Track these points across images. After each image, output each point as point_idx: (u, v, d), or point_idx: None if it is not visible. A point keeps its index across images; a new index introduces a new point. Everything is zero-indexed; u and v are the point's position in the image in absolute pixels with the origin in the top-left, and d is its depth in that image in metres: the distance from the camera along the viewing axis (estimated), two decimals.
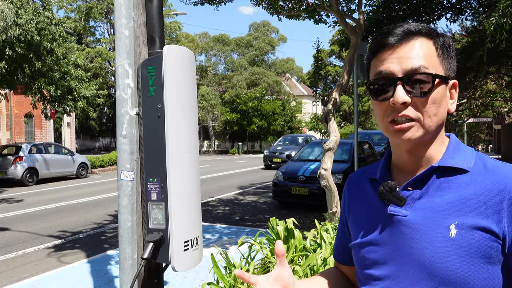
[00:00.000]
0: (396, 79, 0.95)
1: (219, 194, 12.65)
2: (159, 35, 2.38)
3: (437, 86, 0.95)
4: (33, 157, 16.18)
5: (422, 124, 0.95)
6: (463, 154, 1.00)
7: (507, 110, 27.78)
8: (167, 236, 2.19)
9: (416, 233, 0.96)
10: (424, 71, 0.94)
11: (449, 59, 0.99)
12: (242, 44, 48.74)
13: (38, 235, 7.74)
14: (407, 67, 0.95)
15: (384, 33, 1.00)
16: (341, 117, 48.73)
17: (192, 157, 2.30)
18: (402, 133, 0.96)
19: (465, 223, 0.91)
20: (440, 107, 0.97)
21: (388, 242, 1.01)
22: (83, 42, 38.02)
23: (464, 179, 0.96)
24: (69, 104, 17.20)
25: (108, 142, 42.25)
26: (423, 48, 0.96)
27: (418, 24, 1.00)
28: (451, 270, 0.90)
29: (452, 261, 0.90)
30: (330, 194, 6.17)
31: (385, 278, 1.01)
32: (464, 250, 0.90)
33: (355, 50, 6.61)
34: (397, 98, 0.94)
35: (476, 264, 0.89)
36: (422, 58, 0.95)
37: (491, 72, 15.28)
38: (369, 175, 1.14)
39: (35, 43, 13.27)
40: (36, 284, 5.04)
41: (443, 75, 0.97)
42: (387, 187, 1.01)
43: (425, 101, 0.95)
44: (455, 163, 0.97)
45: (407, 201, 0.99)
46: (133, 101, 2.35)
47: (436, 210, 0.95)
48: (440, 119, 0.98)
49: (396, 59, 0.96)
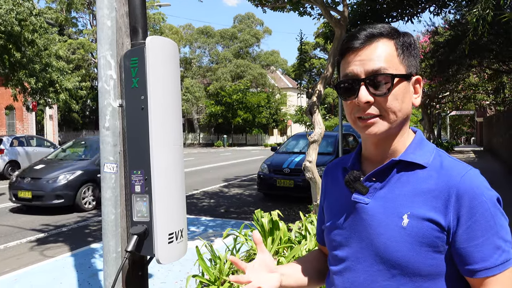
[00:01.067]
0: (359, 80, 1.04)
1: (204, 186, 12.63)
2: (142, 25, 2.35)
3: (397, 84, 1.03)
4: (14, 150, 15.93)
5: (386, 119, 1.04)
6: (423, 150, 1.08)
7: (489, 103, 28.22)
8: (151, 229, 2.18)
9: (374, 220, 1.05)
10: (384, 72, 1.02)
11: (410, 57, 1.06)
12: (227, 36, 48.51)
13: (20, 228, 7.64)
14: (369, 68, 1.03)
15: (349, 36, 1.08)
16: (325, 110, 48.92)
17: (176, 149, 2.28)
18: (367, 128, 1.05)
19: (416, 214, 1.00)
20: (404, 102, 1.04)
21: (351, 227, 1.11)
22: (65, 33, 37.41)
23: (421, 174, 1.04)
24: (51, 96, 16.94)
25: (91, 134, 41.78)
26: (384, 49, 1.04)
27: (383, 25, 1.08)
28: (401, 255, 1.00)
29: (401, 248, 1.00)
30: (315, 186, 6.20)
31: (347, 259, 1.12)
32: (413, 238, 0.99)
33: (340, 42, 6.62)
34: (361, 98, 1.03)
35: (423, 251, 0.99)
36: (383, 60, 1.03)
37: (474, 65, 15.48)
38: (342, 164, 1.23)
39: (15, 34, 13.01)
40: (18, 278, 4.99)
41: (404, 73, 1.04)
42: (352, 176, 1.11)
43: (386, 99, 1.03)
44: (414, 159, 1.05)
45: (370, 190, 1.08)
46: (116, 93, 2.33)
47: (393, 200, 1.04)
48: (404, 114, 1.05)
49: (359, 61, 1.04)
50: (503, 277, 0.96)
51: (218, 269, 3.79)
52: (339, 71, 1.12)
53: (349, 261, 1.11)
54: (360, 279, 1.07)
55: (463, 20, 10.69)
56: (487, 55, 12.51)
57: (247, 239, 4.44)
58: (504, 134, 17.94)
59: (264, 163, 10.60)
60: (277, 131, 48.42)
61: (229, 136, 43.40)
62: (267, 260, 1.21)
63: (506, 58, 12.91)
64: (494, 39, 10.72)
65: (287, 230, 4.55)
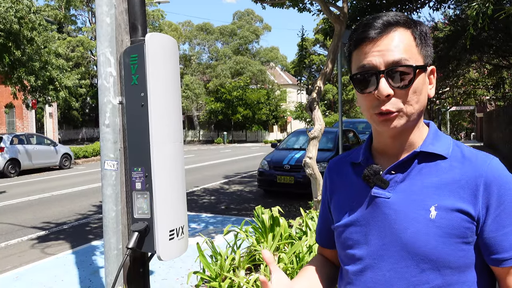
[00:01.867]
0: (379, 72, 0.99)
1: (205, 183, 12.63)
2: (141, 22, 2.34)
3: (418, 76, 0.99)
4: (14, 148, 15.92)
5: (405, 112, 1.00)
6: (442, 141, 1.06)
7: (489, 98, 28.19)
8: (152, 226, 2.18)
9: (398, 214, 1.01)
10: (405, 63, 0.98)
11: (427, 47, 1.03)
12: (226, 33, 48.42)
13: (21, 226, 7.65)
14: (389, 60, 0.98)
15: (363, 25, 1.02)
16: (325, 106, 48.93)
17: (176, 146, 2.28)
18: (388, 122, 1.01)
19: (444, 206, 0.97)
20: (421, 95, 1.01)
21: (371, 223, 1.06)
22: (64, 31, 37.37)
23: (443, 165, 1.02)
24: (51, 94, 16.93)
25: (91, 132, 41.81)
26: (403, 39, 0.99)
27: (396, 13, 1.03)
28: (431, 248, 0.97)
29: (431, 241, 0.97)
30: (315, 182, 6.21)
31: (367, 257, 1.06)
32: (442, 230, 0.96)
33: (339, 38, 6.62)
34: (381, 91, 0.98)
35: (453, 243, 0.96)
36: (403, 50, 0.98)
37: (474, 60, 15.46)
38: (350, 160, 1.19)
39: (14, 32, 12.99)
40: (20, 275, 5.00)
41: (423, 64, 1.01)
42: (371, 171, 1.07)
43: (407, 92, 0.99)
44: (435, 149, 1.03)
45: (390, 184, 1.04)
46: (116, 90, 2.33)
47: (417, 193, 1.01)
48: (421, 106, 1.02)
49: (378, 52, 0.99)
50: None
51: (219, 266, 3.80)
52: (351, 62, 1.07)
53: (370, 259, 1.06)
54: (385, 277, 1.03)
55: (462, 15, 10.67)
56: (487, 50, 12.49)
57: (248, 236, 4.44)
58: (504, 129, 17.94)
59: (264, 159, 10.60)
60: (277, 128, 48.41)
61: (229, 133, 43.39)
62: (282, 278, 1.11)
63: (506, 53, 12.89)
64: (494, 34, 10.71)
65: (287, 226, 4.55)
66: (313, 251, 3.94)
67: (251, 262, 4.16)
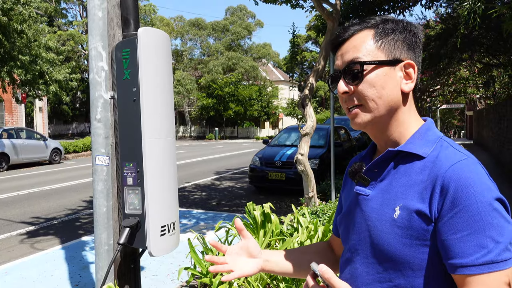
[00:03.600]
0: (339, 73, 1.06)
1: (196, 179, 12.61)
2: (133, 17, 2.32)
3: (373, 71, 1.01)
4: (3, 142, 15.76)
5: (366, 108, 1.03)
6: (425, 140, 1.03)
7: (479, 96, 28.41)
8: (143, 221, 2.17)
9: (372, 212, 1.04)
10: (356, 61, 1.02)
11: (392, 42, 1.03)
12: (218, 29, 48.25)
13: (10, 221, 7.59)
14: (345, 60, 1.05)
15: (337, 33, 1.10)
16: (317, 103, 48.98)
17: (168, 142, 2.27)
18: (352, 120, 1.06)
19: (407, 206, 0.97)
20: (384, 89, 1.01)
21: (352, 219, 1.12)
22: (54, 24, 36.98)
23: (418, 165, 1.00)
24: (41, 88, 16.77)
25: (82, 127, 41.51)
26: (361, 39, 1.04)
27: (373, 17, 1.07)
28: (392, 248, 0.98)
29: (393, 241, 0.98)
30: (307, 179, 6.22)
31: (348, 251, 1.12)
32: (402, 231, 0.96)
33: (332, 35, 6.62)
34: (338, 89, 1.06)
35: (413, 245, 0.95)
36: (358, 50, 1.03)
37: (464, 59, 15.55)
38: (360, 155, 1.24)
39: (3, 24, 12.83)
40: (9, 271, 4.96)
41: (382, 60, 1.02)
42: (354, 168, 1.12)
43: (362, 87, 1.02)
44: (413, 149, 1.02)
45: (372, 182, 1.08)
46: (107, 85, 2.31)
47: (390, 192, 1.02)
48: (387, 101, 1.02)
49: (340, 55, 1.07)
50: (487, 280, 0.87)
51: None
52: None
53: (350, 252, 1.11)
54: (357, 271, 1.07)
55: (454, 14, 10.73)
56: (478, 48, 12.57)
57: None
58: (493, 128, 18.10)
59: (256, 156, 10.59)
60: (269, 124, 48.40)
61: (220, 129, 43.32)
62: (250, 245, 1.25)
63: (497, 51, 12.98)
64: (485, 33, 10.78)
65: (279, 222, 4.56)
66: None
67: None
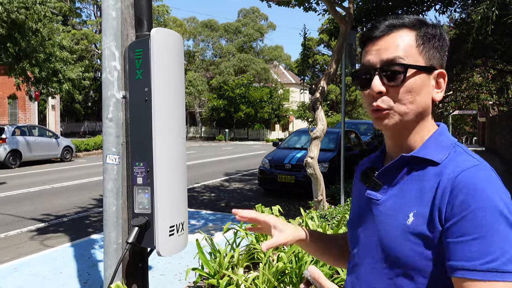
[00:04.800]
0: (374, 70, 1.01)
1: (205, 180, 12.64)
2: (147, 17, 2.34)
3: (413, 76, 0.99)
4: (16, 139, 15.93)
5: (397, 111, 1.00)
6: (440, 146, 1.02)
7: (492, 103, 28.13)
8: (152, 221, 2.18)
9: (384, 218, 1.03)
10: (399, 62, 0.98)
11: (432, 49, 1.02)
12: (231, 30, 48.38)
13: (21, 218, 7.66)
14: (383, 58, 1.00)
15: (370, 27, 1.05)
16: (328, 106, 48.83)
17: (179, 142, 2.28)
18: (380, 120, 1.02)
19: (421, 213, 0.96)
20: (419, 95, 1.00)
21: (363, 223, 1.10)
22: (68, 23, 37.34)
23: (432, 171, 0.99)
24: (54, 86, 16.93)
25: (93, 126, 41.81)
26: (402, 39, 1.00)
27: (407, 16, 1.04)
28: (404, 255, 0.96)
29: (404, 247, 0.96)
30: (316, 182, 6.20)
31: (356, 255, 1.11)
32: (415, 237, 0.95)
33: (344, 39, 6.60)
34: (373, 87, 1.00)
35: (424, 251, 0.94)
36: (399, 49, 0.99)
37: (478, 64, 15.42)
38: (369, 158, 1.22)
39: (19, 23, 12.98)
40: (19, 266, 5.00)
41: (422, 65, 0.99)
42: (367, 171, 1.10)
43: (398, 90, 0.99)
44: (427, 154, 1.00)
45: (383, 187, 1.06)
46: (120, 84, 2.32)
47: (403, 197, 1.01)
48: (418, 107, 1.00)
49: (375, 51, 1.02)
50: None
51: (217, 263, 3.80)
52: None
53: (358, 257, 1.10)
54: (366, 276, 1.06)
55: (468, 19, 10.63)
56: (492, 55, 12.45)
57: (247, 234, 4.44)
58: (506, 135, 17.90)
59: (266, 158, 10.59)
60: (279, 127, 48.36)
61: (231, 130, 43.37)
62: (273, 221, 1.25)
63: (511, 58, 12.85)
64: (499, 39, 10.67)
65: None
66: None
67: (250, 260, 4.16)
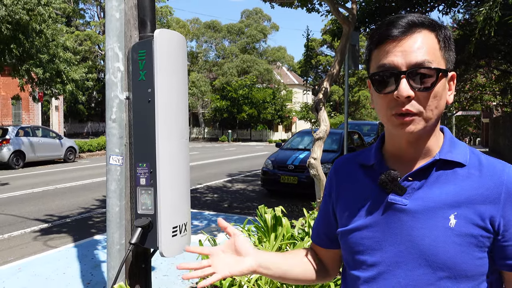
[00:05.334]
0: (400, 73, 0.96)
1: (208, 181, 12.64)
2: (150, 18, 2.34)
3: (440, 80, 0.97)
4: (20, 140, 15.98)
5: (423, 117, 0.97)
6: (459, 148, 1.04)
7: (495, 104, 28.05)
8: (155, 222, 2.18)
9: (416, 222, 1.00)
10: (428, 66, 0.95)
11: (450, 51, 1.01)
12: (234, 31, 48.44)
13: (24, 218, 7.68)
14: (411, 61, 0.95)
15: (387, 23, 0.99)
16: (331, 107, 48.79)
17: (182, 143, 2.28)
18: (405, 125, 0.97)
19: (464, 214, 0.97)
20: (441, 100, 0.99)
21: (385, 230, 1.04)
22: (72, 24, 37.44)
23: (461, 173, 1.00)
24: (58, 87, 16.99)
25: (96, 126, 41.90)
26: (427, 41, 0.97)
27: (420, 15, 1.00)
28: (449, 257, 0.96)
29: (450, 249, 0.96)
30: (319, 183, 6.20)
31: (380, 264, 1.04)
32: (462, 239, 0.96)
33: (347, 40, 6.60)
34: (402, 92, 0.95)
35: (471, 252, 0.96)
36: (426, 52, 0.96)
37: (481, 65, 15.39)
38: (360, 161, 1.15)
39: (23, 24, 13.03)
40: (22, 267, 5.02)
41: (445, 69, 0.98)
42: (389, 177, 1.03)
43: (428, 95, 0.96)
44: (454, 157, 1.01)
45: (408, 191, 1.02)
46: (123, 85, 2.33)
47: (435, 200, 0.99)
48: (440, 112, 1.00)
49: (400, 52, 0.96)
50: None
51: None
52: (370, 61, 1.04)
53: (384, 266, 1.04)
54: (400, 285, 1.01)
55: (472, 20, 10.61)
56: (496, 55, 12.42)
57: (250, 235, 4.44)
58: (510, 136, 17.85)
59: (268, 159, 10.59)
60: (282, 128, 48.35)
61: (233, 131, 43.39)
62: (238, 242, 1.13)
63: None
64: (503, 40, 10.64)
65: (290, 226, 4.54)
66: None
67: None
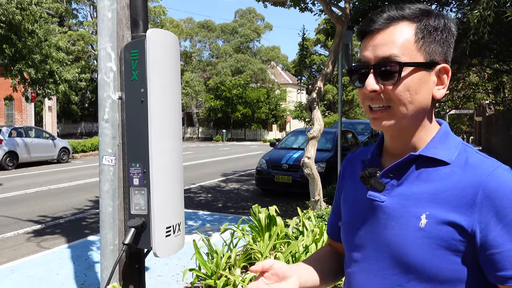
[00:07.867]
0: (368, 67, 0.95)
1: (202, 181, 12.63)
2: (142, 18, 2.33)
3: (411, 74, 0.92)
4: (13, 140, 15.89)
5: (395, 111, 0.94)
6: (447, 145, 0.98)
7: (488, 102, 28.21)
8: (149, 222, 2.18)
9: (390, 220, 0.96)
10: (394, 60, 0.92)
11: (434, 43, 0.95)
12: (228, 31, 48.40)
13: (17, 219, 7.64)
14: (378, 55, 0.94)
15: (367, 19, 0.98)
16: (325, 106, 48.93)
17: (175, 143, 2.28)
18: (376, 120, 0.96)
19: (436, 215, 0.91)
20: (418, 94, 0.93)
21: (366, 226, 1.03)
22: (65, 24, 37.27)
23: (443, 171, 0.94)
24: (51, 87, 16.91)
25: (90, 127, 41.73)
26: (401, 34, 0.93)
27: (409, 6, 0.97)
28: (417, 259, 0.91)
29: (418, 251, 0.91)
30: (313, 182, 6.21)
31: (360, 261, 1.03)
32: (431, 240, 0.90)
33: (341, 39, 6.61)
34: (367, 86, 0.94)
35: (442, 255, 0.89)
36: (395, 46, 0.93)
37: (474, 64, 15.46)
38: (361, 157, 1.14)
39: (15, 23, 12.96)
40: (15, 269, 4.99)
41: (421, 62, 0.93)
42: (367, 172, 1.02)
43: (395, 89, 0.93)
44: (436, 154, 0.95)
45: (386, 187, 0.99)
46: (116, 85, 2.32)
47: (411, 198, 0.95)
48: (417, 106, 0.94)
49: (372, 46, 0.95)
50: None
51: (215, 263, 3.79)
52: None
53: (364, 262, 1.02)
54: (372, 282, 1.00)
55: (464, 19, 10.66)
56: (488, 54, 12.49)
57: (245, 234, 4.44)
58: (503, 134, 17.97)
59: (263, 158, 10.59)
60: (276, 127, 48.38)
61: (228, 131, 43.37)
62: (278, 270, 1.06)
63: (507, 57, 12.89)
64: (495, 39, 10.70)
65: (284, 225, 4.55)
66: (309, 251, 3.94)
67: (247, 260, 4.16)
